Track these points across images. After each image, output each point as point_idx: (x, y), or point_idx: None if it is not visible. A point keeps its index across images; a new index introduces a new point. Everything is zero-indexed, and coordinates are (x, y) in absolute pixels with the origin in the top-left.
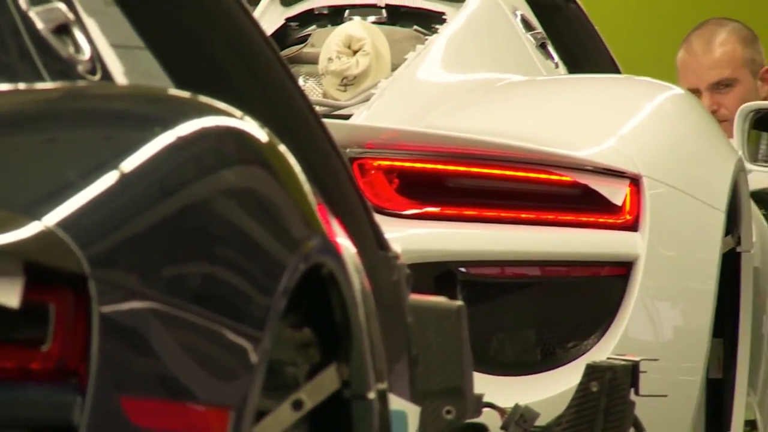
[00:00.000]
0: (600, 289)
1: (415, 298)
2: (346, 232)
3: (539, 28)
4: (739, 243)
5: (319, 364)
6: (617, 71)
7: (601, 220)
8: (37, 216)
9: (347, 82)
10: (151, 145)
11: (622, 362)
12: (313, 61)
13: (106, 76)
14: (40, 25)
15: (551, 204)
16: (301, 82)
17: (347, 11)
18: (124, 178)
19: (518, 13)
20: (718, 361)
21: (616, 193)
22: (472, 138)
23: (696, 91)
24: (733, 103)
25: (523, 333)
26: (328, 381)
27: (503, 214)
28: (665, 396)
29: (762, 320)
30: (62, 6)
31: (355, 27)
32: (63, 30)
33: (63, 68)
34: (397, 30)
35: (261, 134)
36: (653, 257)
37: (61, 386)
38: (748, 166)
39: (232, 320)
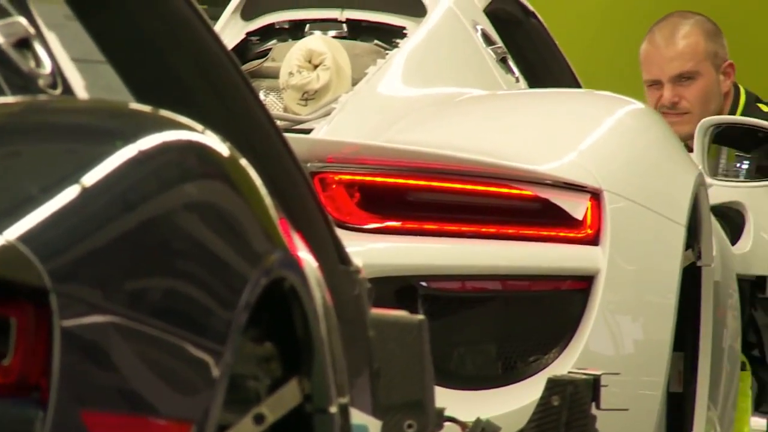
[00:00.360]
0: (561, 303)
1: (377, 312)
2: (307, 247)
3: (500, 43)
4: (699, 257)
5: (280, 378)
6: (578, 85)
7: (562, 234)
8: None
9: (308, 96)
10: (113, 159)
11: (584, 376)
12: (273, 75)
13: (67, 90)
14: (0, 39)
15: (512, 218)
16: (261, 96)
17: (308, 26)
18: (86, 192)
19: (479, 27)
20: (678, 375)
21: (577, 207)
22: (433, 152)
23: (658, 83)
24: (694, 96)
25: (485, 347)
26: (289, 395)
27: (464, 229)
28: (626, 410)
29: (722, 334)
30: (23, 20)
31: (316, 41)
32: (24, 44)
33: (24, 82)
34: (358, 44)
35: (222, 148)
36: (614, 271)
37: (22, 400)
38: (709, 180)
39: (193, 334)
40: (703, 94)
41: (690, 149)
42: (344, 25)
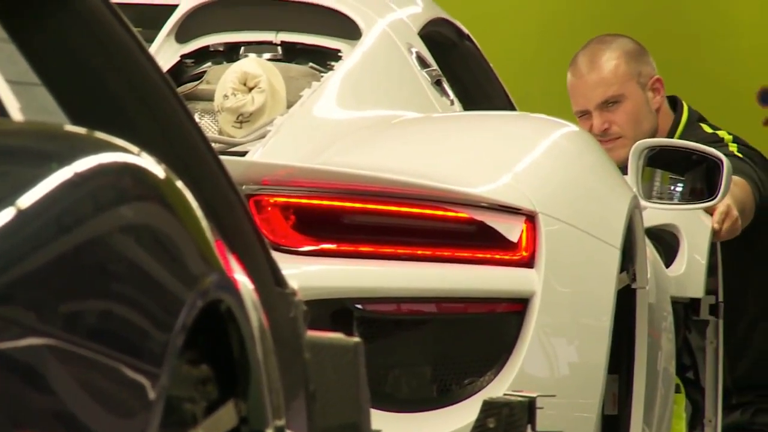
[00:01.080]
0: (496, 325)
1: (313, 334)
2: (243, 269)
3: (435, 66)
4: (634, 280)
5: (217, 400)
6: (512, 108)
7: (497, 256)
8: None
9: (243, 119)
10: (48, 181)
11: (519, 398)
12: (208, 98)
13: (2, 112)
14: None
15: (447, 240)
16: (196, 118)
17: (242, 48)
18: (21, 215)
19: (413, 50)
20: (613, 397)
21: (512, 229)
22: (368, 175)
23: (587, 113)
24: (623, 120)
25: (420, 369)
26: (226, 417)
27: (399, 251)
28: None
29: (657, 356)
30: None
31: (251, 64)
32: None
33: None
34: (293, 67)
35: (158, 170)
36: (549, 294)
37: None
38: (643, 203)
39: (130, 357)
40: (632, 115)
41: (626, 171)
42: (279, 48)
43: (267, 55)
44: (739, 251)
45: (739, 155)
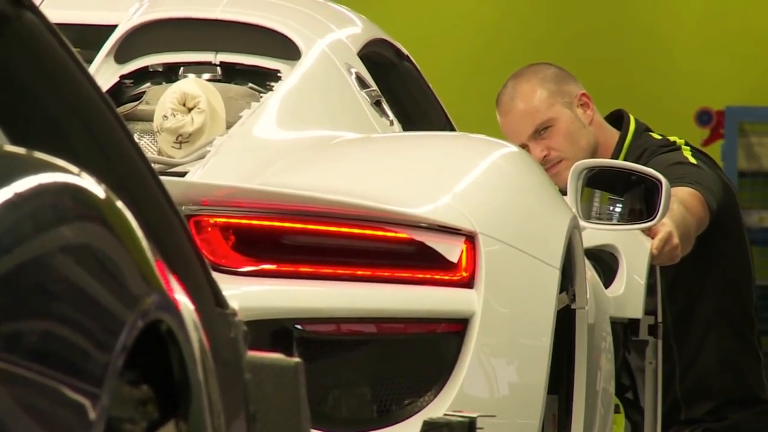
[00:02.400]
0: (436, 345)
1: (253, 354)
2: (184, 289)
3: (374, 86)
4: (573, 300)
5: (157, 420)
6: (452, 128)
7: (437, 277)
8: None
9: (182, 139)
10: None
11: (459, 419)
12: (147, 118)
13: None
14: None
15: (387, 261)
16: (136, 139)
17: (182, 68)
18: None
19: (353, 70)
20: (553, 417)
21: (452, 250)
22: (307, 195)
23: (524, 147)
24: (559, 142)
25: (360, 389)
26: None
27: (339, 271)
28: None
29: (596, 377)
30: None
31: (190, 84)
32: None
33: None
34: (232, 87)
35: (98, 190)
36: (489, 314)
37: None
38: (582, 223)
39: (70, 377)
40: (566, 136)
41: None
42: (218, 68)
43: (206, 76)
44: (694, 257)
45: (694, 161)
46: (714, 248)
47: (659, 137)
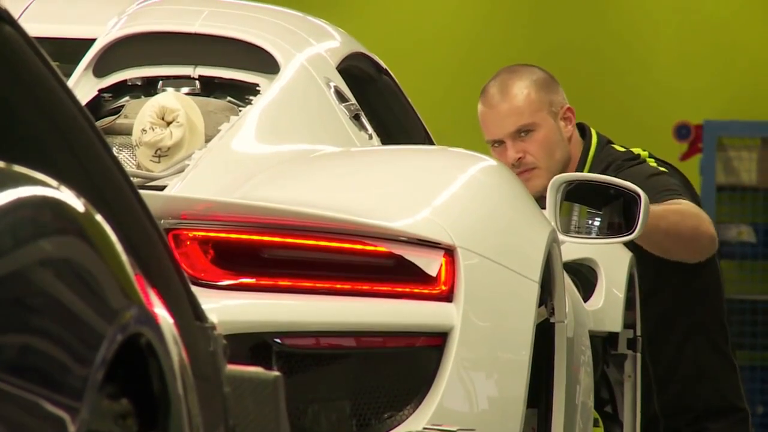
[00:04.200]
0: (415, 359)
1: (233, 368)
2: (163, 303)
3: (353, 100)
4: (552, 313)
5: None
6: (430, 142)
7: (416, 290)
8: None
9: (161, 153)
10: None
11: None
12: (126, 132)
13: None
14: None
15: (366, 274)
16: (114, 153)
17: (161, 82)
18: None
19: (332, 84)
20: (532, 431)
21: (431, 263)
22: (286, 209)
23: (500, 142)
24: (537, 149)
25: (339, 403)
26: None
27: (318, 285)
28: None
29: (575, 390)
30: None
31: (169, 98)
32: None
33: None
34: (211, 101)
35: (77, 204)
36: (468, 328)
37: None
38: (561, 237)
39: (49, 391)
40: (545, 145)
41: (544, 204)
42: (197, 82)
43: (185, 90)
44: (671, 269)
45: (663, 169)
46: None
47: (622, 149)
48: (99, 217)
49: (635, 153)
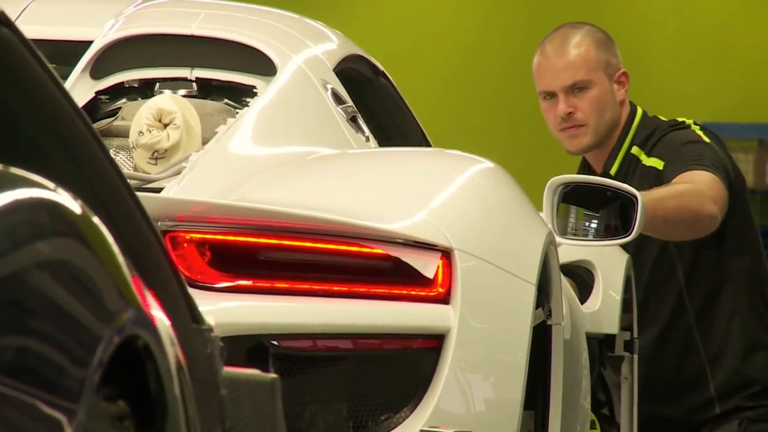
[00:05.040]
0: (412, 361)
1: (229, 370)
2: (160, 305)
3: (350, 102)
4: (549, 316)
5: None
6: (427, 144)
7: (413, 292)
8: None
9: (158, 155)
10: None
11: None
12: (123, 134)
13: None
14: None
15: (363, 277)
16: (111, 155)
17: (157, 84)
18: None
19: (329, 86)
20: None
21: (428, 265)
22: (283, 211)
23: (552, 94)
24: (588, 107)
25: (336, 405)
26: None
27: (315, 287)
28: None
29: (572, 392)
30: None
31: (166, 100)
32: None
33: None
34: (208, 103)
35: (74, 206)
36: (465, 330)
37: None
38: (558, 239)
39: (47, 393)
40: (597, 103)
41: (587, 163)
42: (194, 84)
43: (182, 92)
44: (711, 244)
45: (707, 140)
46: (731, 233)
47: (667, 119)
48: (96, 219)
49: (680, 120)
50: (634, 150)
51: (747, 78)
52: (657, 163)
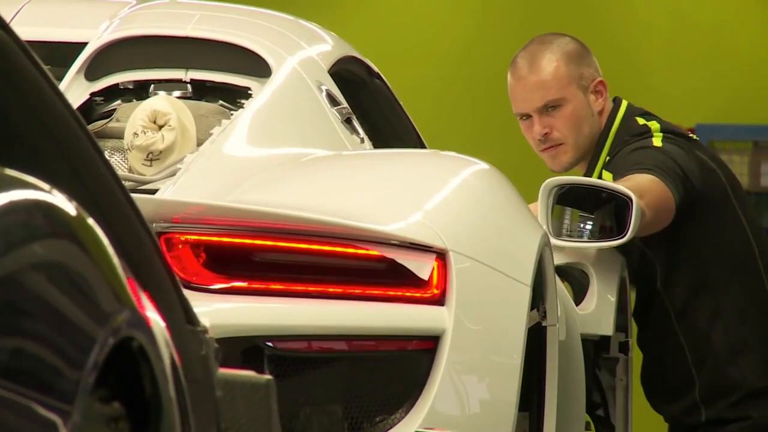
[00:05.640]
0: (407, 363)
1: (224, 372)
2: (155, 306)
3: (345, 103)
4: (544, 317)
5: None
6: (422, 146)
7: (408, 294)
8: None
9: (153, 156)
10: None
11: None
12: (118, 135)
13: None
14: None
15: (358, 278)
16: (106, 156)
17: (152, 86)
18: None
19: (323, 88)
20: None
21: (423, 267)
22: (278, 212)
23: (528, 116)
24: (564, 125)
25: (331, 407)
26: None
27: (310, 289)
28: None
29: (567, 394)
30: None
31: (161, 102)
32: None
33: None
34: (203, 105)
35: (69, 208)
36: (460, 331)
37: None
38: (553, 241)
39: (42, 394)
40: (573, 120)
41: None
42: (189, 86)
43: (177, 93)
44: (685, 244)
45: (658, 145)
46: (704, 228)
47: (641, 122)
48: (91, 221)
49: (648, 127)
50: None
51: (742, 80)
52: (608, 177)
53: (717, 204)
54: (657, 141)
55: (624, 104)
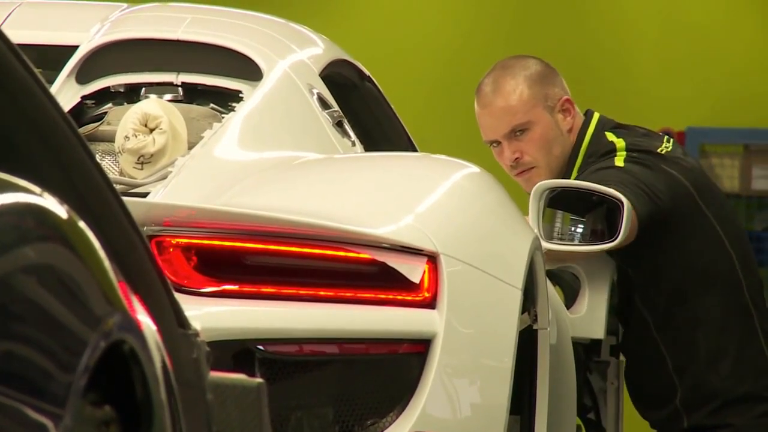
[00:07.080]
0: (398, 366)
1: (216, 375)
2: (146, 310)
3: (336, 107)
4: (535, 320)
5: None
6: (414, 149)
7: (399, 297)
8: None
9: (144, 160)
10: None
11: None
12: (109, 139)
13: None
14: None
15: (349, 281)
16: (97, 160)
17: (143, 89)
18: None
19: (315, 91)
20: None
21: (414, 270)
22: (269, 215)
23: (497, 142)
24: (533, 148)
25: (322, 410)
26: None
27: (301, 292)
28: None
29: (558, 397)
30: None
31: (152, 105)
32: None
33: None
34: (194, 108)
35: (61, 211)
36: (451, 335)
37: None
38: (544, 244)
39: (33, 398)
40: (542, 142)
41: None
42: (180, 89)
43: (168, 96)
44: (653, 256)
45: (620, 165)
46: (677, 241)
47: (610, 139)
48: (82, 224)
49: (614, 145)
50: None
51: (733, 83)
52: None
53: (686, 216)
54: (619, 161)
55: (595, 119)
